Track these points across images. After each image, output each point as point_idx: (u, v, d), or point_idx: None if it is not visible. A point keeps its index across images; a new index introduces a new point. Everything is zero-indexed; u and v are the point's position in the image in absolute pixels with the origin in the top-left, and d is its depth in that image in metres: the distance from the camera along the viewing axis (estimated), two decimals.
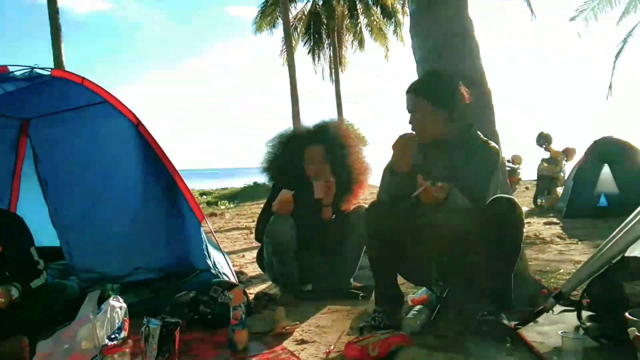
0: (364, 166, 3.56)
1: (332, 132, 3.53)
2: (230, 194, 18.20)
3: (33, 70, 3.40)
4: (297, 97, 19.19)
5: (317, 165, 3.46)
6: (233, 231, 8.00)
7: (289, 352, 2.38)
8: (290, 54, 20.55)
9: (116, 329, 2.62)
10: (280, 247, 3.28)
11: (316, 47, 27.75)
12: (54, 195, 3.75)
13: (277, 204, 3.29)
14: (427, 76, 2.93)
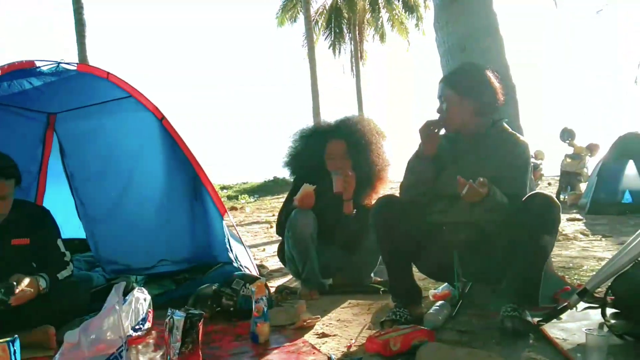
0: (385, 161, 3.55)
1: (353, 128, 3.54)
2: (251, 188, 18.28)
3: (59, 65, 3.47)
4: (317, 92, 19.18)
5: (338, 160, 3.47)
6: (253, 225, 8.07)
7: (310, 345, 2.40)
8: (311, 48, 20.52)
9: (140, 320, 2.68)
10: (301, 241, 3.29)
11: (337, 42, 27.66)
12: (80, 188, 3.82)
13: (298, 198, 3.31)
14: (459, 67, 2.90)
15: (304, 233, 3.28)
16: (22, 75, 3.37)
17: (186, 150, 3.49)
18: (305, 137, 3.65)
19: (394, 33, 27.23)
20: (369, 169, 3.48)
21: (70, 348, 1.77)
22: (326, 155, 3.51)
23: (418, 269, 2.95)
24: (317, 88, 19.24)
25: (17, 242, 2.73)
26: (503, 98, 2.67)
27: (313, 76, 19.43)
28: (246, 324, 2.59)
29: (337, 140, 3.50)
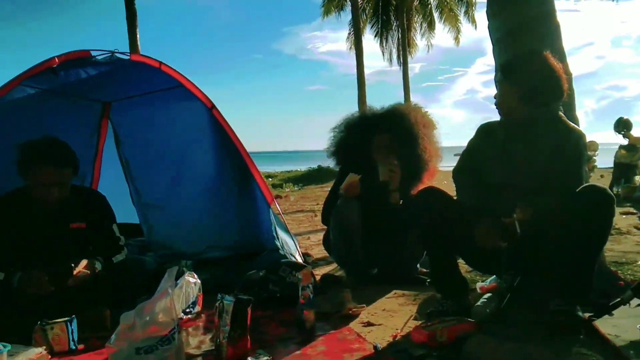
0: (433, 153, 3.48)
1: (400, 120, 3.46)
2: (295, 177, 18.39)
3: (113, 54, 3.58)
4: (363, 81, 19.10)
5: (384, 152, 3.44)
6: (298, 213, 8.12)
7: (356, 333, 2.41)
8: (357, 36, 20.43)
9: (191, 303, 2.76)
10: (347, 230, 3.30)
11: (384, 30, 27.36)
12: (135, 175, 3.94)
13: (343, 187, 3.31)
14: (519, 54, 2.83)
15: (349, 222, 3.29)
16: (78, 64, 3.49)
17: (235, 138, 3.55)
18: (351, 127, 3.61)
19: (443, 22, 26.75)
20: (415, 162, 3.43)
21: (125, 329, 1.85)
22: (372, 147, 3.49)
23: (465, 261, 2.92)
24: (364, 77, 19.17)
25: (74, 226, 2.83)
26: (566, 87, 2.59)
27: (359, 65, 19.34)
28: (292, 311, 2.63)
29: (383, 134, 3.46)
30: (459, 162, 2.87)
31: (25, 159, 2.64)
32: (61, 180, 2.68)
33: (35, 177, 2.63)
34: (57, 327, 2.27)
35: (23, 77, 3.28)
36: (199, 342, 2.39)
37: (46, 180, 2.63)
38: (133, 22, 14.07)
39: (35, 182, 2.65)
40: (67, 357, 2.22)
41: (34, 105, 3.56)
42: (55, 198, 2.68)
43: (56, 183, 2.65)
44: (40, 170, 2.62)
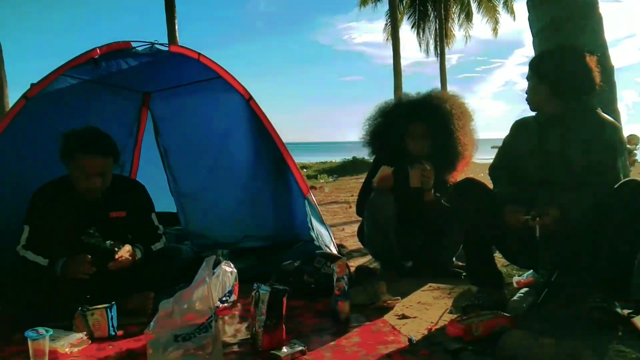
0: (469, 142, 3.40)
1: (435, 109, 3.37)
2: (329, 168, 18.36)
3: (153, 45, 3.63)
4: (399, 72, 18.94)
5: (419, 142, 3.38)
6: (333, 205, 8.12)
7: (390, 325, 2.41)
8: (394, 27, 20.26)
9: (227, 292, 2.80)
10: (381, 223, 3.28)
11: (421, 21, 27.04)
12: (173, 165, 4.00)
13: (376, 180, 3.28)
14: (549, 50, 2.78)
15: (383, 214, 3.26)
16: (119, 55, 3.55)
17: (271, 129, 3.56)
18: (386, 115, 3.53)
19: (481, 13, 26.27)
20: (450, 151, 3.36)
21: (164, 316, 1.88)
22: (407, 136, 3.44)
23: (502, 254, 2.89)
24: (400, 68, 19.00)
25: (114, 215, 2.88)
26: (599, 80, 2.53)
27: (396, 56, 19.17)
28: (326, 302, 2.64)
29: (418, 122, 3.38)
30: (495, 159, 2.84)
31: (69, 148, 2.70)
32: (103, 169, 2.73)
33: (78, 167, 2.69)
34: (97, 313, 2.33)
35: (65, 68, 3.35)
36: (234, 331, 2.42)
37: (89, 170, 2.68)
38: (172, 12, 14.23)
39: (77, 171, 2.70)
40: (106, 342, 2.28)
41: (75, 95, 3.64)
42: (97, 187, 2.73)
43: (98, 173, 2.71)
44: (83, 160, 2.67)
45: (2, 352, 2.17)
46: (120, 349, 2.20)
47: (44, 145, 2.97)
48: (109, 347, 2.23)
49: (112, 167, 2.80)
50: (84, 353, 2.16)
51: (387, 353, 2.08)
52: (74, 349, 2.16)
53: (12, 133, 3.31)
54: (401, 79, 19.00)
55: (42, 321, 2.26)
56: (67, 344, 2.14)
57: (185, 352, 1.84)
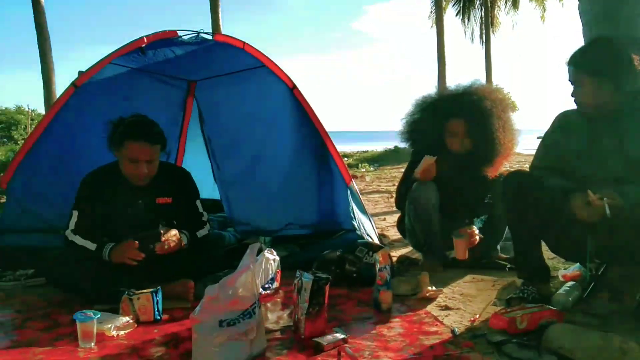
0: (510, 137, 3.28)
1: (475, 105, 3.26)
2: (371, 157, 18.25)
3: (199, 34, 3.67)
4: (444, 60, 18.65)
5: (458, 139, 3.30)
6: (374, 194, 8.08)
7: (433, 316, 2.39)
8: (439, 14, 19.93)
9: (269, 279, 2.83)
10: (424, 214, 3.23)
11: (466, 8, 26.50)
12: (217, 152, 4.06)
13: (419, 171, 3.23)
14: (588, 46, 2.65)
15: (427, 205, 3.22)
16: (165, 44, 3.61)
17: (315, 118, 3.56)
18: (424, 111, 3.45)
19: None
20: (491, 147, 3.26)
21: (210, 301, 1.91)
22: (446, 133, 3.35)
23: (548, 247, 2.82)
24: (444, 56, 18.68)
25: (161, 201, 2.93)
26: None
27: (440, 44, 18.86)
28: (368, 291, 2.64)
29: (457, 120, 3.28)
30: (537, 159, 2.74)
31: (118, 135, 2.75)
32: (151, 157, 2.77)
33: (126, 154, 2.75)
34: (143, 297, 2.39)
35: (113, 57, 3.43)
36: (277, 318, 2.45)
37: (137, 157, 2.73)
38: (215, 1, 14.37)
39: (126, 158, 2.76)
40: (152, 326, 2.33)
41: (123, 83, 3.74)
42: (144, 174, 2.79)
43: (146, 160, 2.75)
44: (132, 147, 2.72)
45: (51, 334, 2.25)
46: (165, 333, 2.25)
47: (92, 132, 3.04)
48: (154, 331, 2.28)
49: (159, 154, 2.85)
50: (130, 336, 2.21)
51: (429, 344, 2.07)
52: (121, 332, 2.21)
53: (61, 120, 3.44)
54: (445, 67, 18.70)
55: (90, 304, 2.34)
56: (113, 327, 2.20)
57: (230, 337, 1.87)
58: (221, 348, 1.86)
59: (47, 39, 12.31)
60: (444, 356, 1.95)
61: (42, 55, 12.29)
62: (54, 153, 3.47)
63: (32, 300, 2.75)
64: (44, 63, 12.32)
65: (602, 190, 2.31)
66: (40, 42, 12.27)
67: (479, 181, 3.29)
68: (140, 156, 2.74)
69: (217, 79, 4.09)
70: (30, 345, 2.11)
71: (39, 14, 12.22)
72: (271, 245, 3.52)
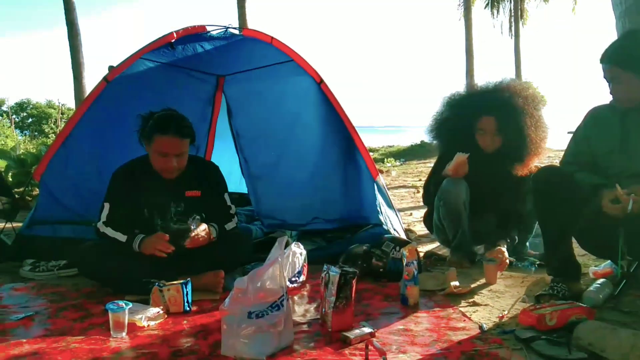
0: (541, 135, 3.22)
1: (505, 102, 3.21)
2: (397, 151, 18.15)
3: (227, 29, 3.69)
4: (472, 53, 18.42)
5: (488, 136, 3.25)
6: (400, 189, 8.05)
7: (461, 312, 2.37)
8: (467, 7, 19.68)
9: (296, 273, 2.85)
10: (454, 211, 3.19)
11: (495, 1, 26.09)
12: (245, 147, 4.08)
13: (452, 167, 3.19)
14: (621, 40, 2.59)
15: (457, 202, 3.18)
16: (194, 39, 3.65)
17: (342, 113, 3.56)
18: (454, 108, 3.39)
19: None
20: (520, 149, 3.19)
21: (238, 294, 1.93)
22: (476, 130, 3.28)
23: (579, 244, 2.78)
24: (472, 49, 18.44)
25: (190, 194, 2.95)
26: None
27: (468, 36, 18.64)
28: (395, 286, 2.64)
29: (487, 117, 3.22)
30: (568, 156, 2.69)
31: (148, 129, 2.79)
32: (180, 150, 2.80)
33: (156, 147, 2.78)
34: (173, 288, 2.42)
35: (144, 52, 3.49)
36: (304, 311, 2.46)
37: (167, 150, 2.76)
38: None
39: (156, 151, 2.79)
40: (181, 317, 2.37)
41: (153, 78, 3.79)
42: (173, 168, 2.82)
43: (175, 153, 2.78)
44: (162, 141, 2.75)
45: (84, 324, 2.30)
46: (195, 324, 2.28)
47: (122, 127, 3.08)
48: (184, 322, 2.31)
49: (188, 148, 2.87)
50: (161, 327, 2.25)
51: (457, 339, 2.05)
52: (151, 323, 2.25)
53: (93, 114, 3.51)
54: (473, 61, 18.48)
55: (121, 295, 2.38)
56: (144, 318, 2.24)
57: (258, 328, 1.89)
58: (250, 339, 1.88)
59: (78, 35, 12.54)
60: (472, 352, 1.94)
61: (73, 51, 12.52)
62: (86, 147, 3.54)
63: (64, 290, 2.82)
64: (74, 58, 12.55)
65: (631, 186, 2.27)
66: (71, 38, 12.50)
67: (509, 179, 3.24)
68: (169, 150, 2.77)
69: (246, 74, 4.11)
70: (64, 334, 2.16)
71: (69, 11, 12.45)
72: (297, 239, 3.53)
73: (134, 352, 1.99)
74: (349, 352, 1.94)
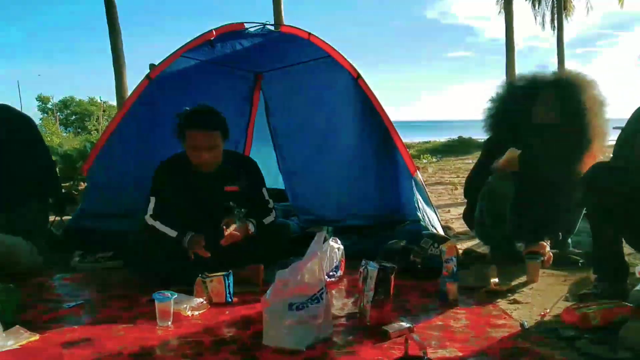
0: (600, 132, 3.14)
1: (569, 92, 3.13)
2: (433, 147, 17.95)
3: (265, 26, 3.73)
4: (513, 46, 18.04)
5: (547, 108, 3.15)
6: (437, 186, 7.97)
7: (501, 309, 2.36)
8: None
9: (334, 267, 2.88)
10: (499, 208, 3.15)
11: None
12: (282, 143, 4.13)
13: (503, 162, 3.13)
14: None
15: (503, 200, 3.13)
16: (233, 36, 3.70)
17: (379, 108, 3.56)
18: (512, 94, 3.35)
19: None
20: (578, 141, 3.10)
21: (280, 286, 1.98)
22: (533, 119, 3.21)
23: (627, 242, 2.70)
24: (513, 43, 18.06)
25: (229, 189, 3.02)
26: None
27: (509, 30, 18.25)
28: (433, 282, 2.63)
29: (547, 105, 3.17)
30: (616, 151, 2.62)
31: (180, 125, 2.88)
32: (211, 143, 2.86)
33: (188, 142, 2.87)
34: (215, 280, 2.49)
35: (184, 50, 3.56)
36: (342, 305, 2.49)
37: (197, 144, 2.84)
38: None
39: (189, 146, 2.88)
40: (223, 308, 2.44)
41: (193, 75, 3.87)
42: (206, 161, 2.88)
43: (206, 147, 2.85)
44: (191, 135, 2.84)
45: (131, 313, 2.39)
46: (236, 315, 2.34)
47: (164, 122, 3.16)
48: (226, 312, 2.38)
49: (220, 141, 2.91)
50: (204, 317, 2.32)
51: (497, 336, 2.04)
52: (195, 313, 2.32)
53: (136, 111, 3.61)
54: (514, 54, 18.08)
55: (166, 286, 2.46)
56: (189, 308, 2.31)
57: (299, 320, 1.93)
58: (290, 330, 1.92)
59: (119, 33, 12.82)
60: (512, 349, 1.93)
61: (114, 49, 12.81)
62: (130, 143, 3.65)
63: (111, 280, 2.93)
64: (115, 56, 12.84)
65: None
66: (112, 35, 12.79)
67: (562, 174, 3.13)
68: (199, 143, 2.84)
69: (283, 70, 4.15)
70: (113, 322, 2.26)
71: (111, 8, 12.73)
72: (333, 235, 3.56)
73: (180, 340, 2.06)
74: (387, 346, 1.96)
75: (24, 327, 2.07)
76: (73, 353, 1.93)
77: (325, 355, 1.90)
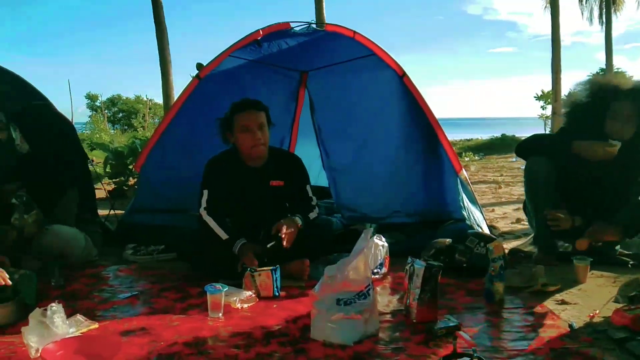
0: None
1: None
2: (475, 145, 17.73)
3: (310, 25, 3.77)
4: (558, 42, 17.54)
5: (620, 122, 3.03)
6: (480, 184, 7.87)
7: (549, 310, 2.34)
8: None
9: (378, 264, 2.90)
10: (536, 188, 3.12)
11: None
12: (326, 140, 4.16)
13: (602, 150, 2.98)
14: None
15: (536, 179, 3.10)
16: (279, 36, 3.76)
17: (424, 106, 3.55)
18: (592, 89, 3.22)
19: None
20: None
21: (328, 281, 2.02)
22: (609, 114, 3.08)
23: None
24: (559, 38, 17.56)
25: (274, 184, 3.09)
26: None
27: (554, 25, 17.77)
28: (478, 281, 2.63)
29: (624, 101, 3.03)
30: None
31: (228, 116, 3.01)
32: (260, 121, 2.97)
33: (239, 126, 2.96)
34: (263, 274, 2.56)
35: (232, 49, 3.64)
36: (387, 302, 2.51)
37: (248, 123, 2.94)
38: None
39: (240, 131, 2.96)
40: (271, 301, 2.50)
41: (240, 74, 3.95)
42: (259, 141, 2.95)
43: (257, 124, 2.95)
44: (242, 117, 2.96)
45: (183, 304, 2.48)
46: (284, 308, 2.40)
47: (213, 121, 3.25)
48: (274, 306, 2.44)
49: (267, 124, 3.02)
50: (253, 309, 2.39)
51: (545, 336, 2.03)
52: (244, 305, 2.40)
53: (187, 110, 3.71)
54: (560, 50, 17.58)
55: (216, 279, 2.54)
56: (238, 300, 2.39)
57: (346, 315, 1.97)
58: (338, 325, 1.97)
59: (165, 33, 13.08)
60: (561, 349, 1.92)
61: (160, 48, 13.08)
62: (180, 140, 3.77)
63: (164, 272, 3.04)
64: (161, 55, 13.12)
65: None
66: (159, 35, 13.06)
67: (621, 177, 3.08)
68: (250, 122, 2.95)
69: (328, 69, 4.19)
70: (166, 313, 2.35)
71: (157, 8, 13.00)
72: (377, 233, 3.57)
73: (231, 331, 2.12)
74: (434, 343, 1.97)
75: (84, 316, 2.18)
76: (131, 341, 2.02)
77: (372, 350, 1.94)
